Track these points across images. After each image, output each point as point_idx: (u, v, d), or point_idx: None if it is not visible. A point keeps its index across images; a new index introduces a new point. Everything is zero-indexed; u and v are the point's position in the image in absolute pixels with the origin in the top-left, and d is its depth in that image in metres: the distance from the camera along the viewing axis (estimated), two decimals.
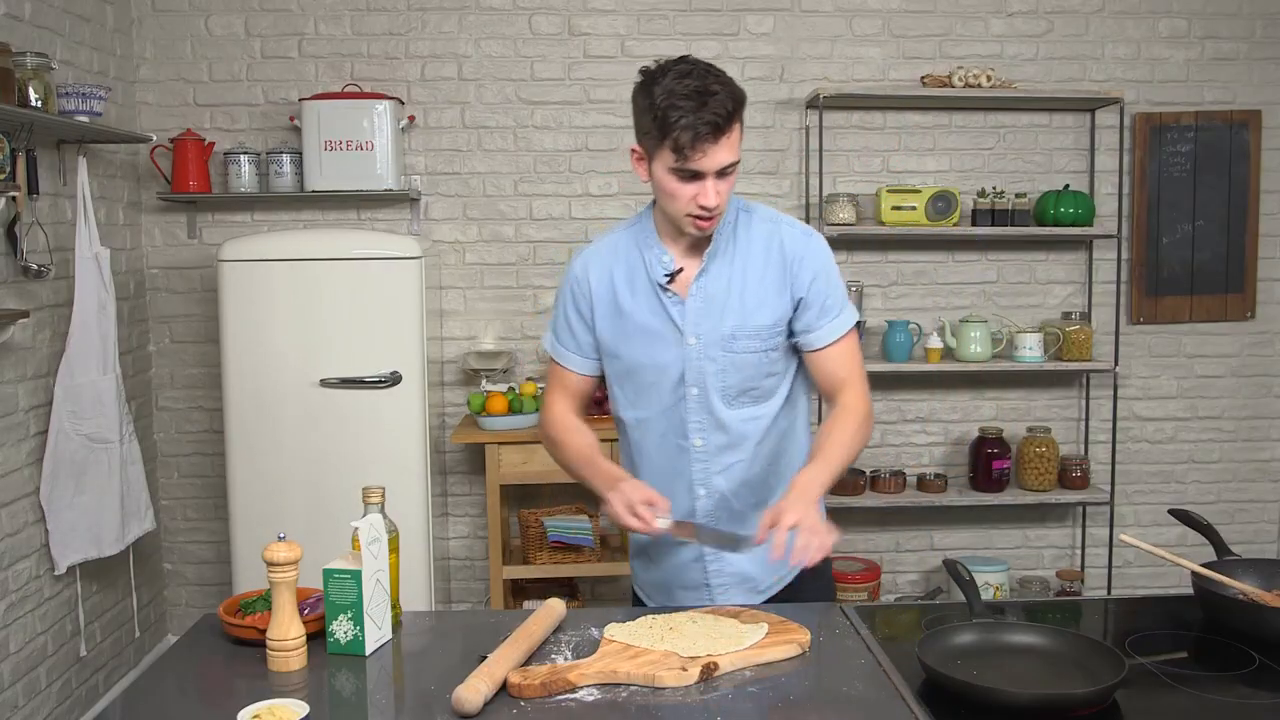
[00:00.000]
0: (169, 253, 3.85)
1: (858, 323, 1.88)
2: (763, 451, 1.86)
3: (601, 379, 1.95)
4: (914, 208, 3.74)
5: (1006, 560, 3.97)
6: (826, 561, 1.91)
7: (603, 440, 1.95)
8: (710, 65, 1.69)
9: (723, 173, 1.70)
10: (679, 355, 1.81)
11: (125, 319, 3.60)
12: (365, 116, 3.59)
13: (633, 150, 1.78)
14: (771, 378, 1.84)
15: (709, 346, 1.80)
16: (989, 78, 3.72)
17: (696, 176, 1.68)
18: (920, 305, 3.98)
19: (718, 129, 1.64)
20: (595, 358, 1.91)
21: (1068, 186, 3.88)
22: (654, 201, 1.85)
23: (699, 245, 1.81)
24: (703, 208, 1.70)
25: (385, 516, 1.61)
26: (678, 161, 1.67)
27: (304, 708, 1.32)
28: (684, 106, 1.63)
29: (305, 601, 1.63)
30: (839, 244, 3.88)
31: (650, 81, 1.69)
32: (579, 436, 1.90)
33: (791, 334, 1.83)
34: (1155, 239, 3.97)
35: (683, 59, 1.70)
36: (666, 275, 1.81)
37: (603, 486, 1.79)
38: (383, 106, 3.61)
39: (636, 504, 1.69)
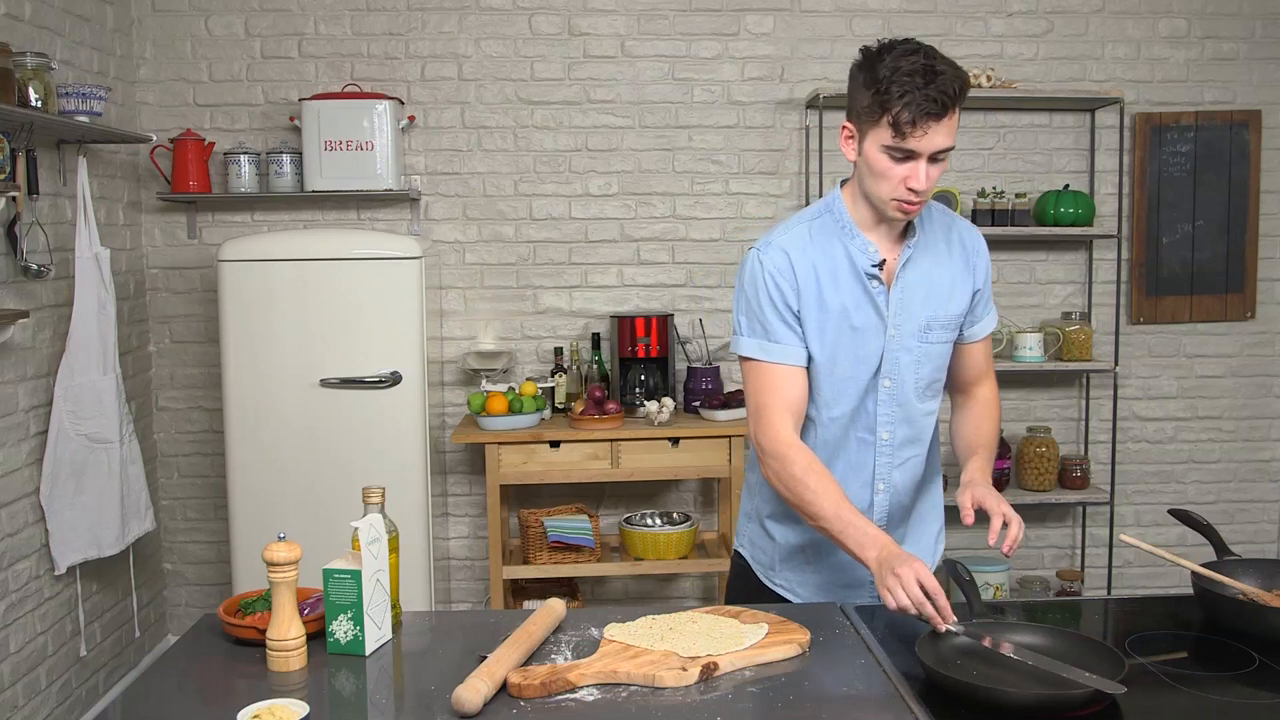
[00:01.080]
0: (169, 253, 3.85)
1: None
2: (931, 445, 1.95)
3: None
4: None
5: (1006, 560, 3.97)
6: None
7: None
8: (934, 48, 1.66)
9: (935, 157, 1.67)
10: (879, 347, 1.79)
11: (125, 319, 3.60)
12: (365, 116, 3.59)
13: (843, 127, 1.75)
14: (944, 370, 1.89)
15: (906, 337, 1.80)
16: (989, 78, 3.72)
17: (910, 157, 1.65)
18: None
19: (942, 108, 1.61)
20: (807, 347, 1.80)
21: (1068, 186, 3.88)
22: (838, 193, 1.83)
23: (894, 235, 1.79)
24: (911, 190, 1.67)
25: (385, 516, 1.61)
26: (895, 139, 1.63)
27: (304, 708, 1.32)
28: (908, 83, 1.60)
29: (305, 601, 1.63)
30: None
31: (874, 58, 1.66)
32: (827, 480, 1.72)
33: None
34: (1155, 239, 3.97)
35: (907, 40, 1.67)
36: (874, 265, 1.78)
37: (857, 548, 1.66)
38: (383, 106, 3.61)
39: (922, 600, 1.56)
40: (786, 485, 1.75)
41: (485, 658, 1.44)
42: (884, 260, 1.78)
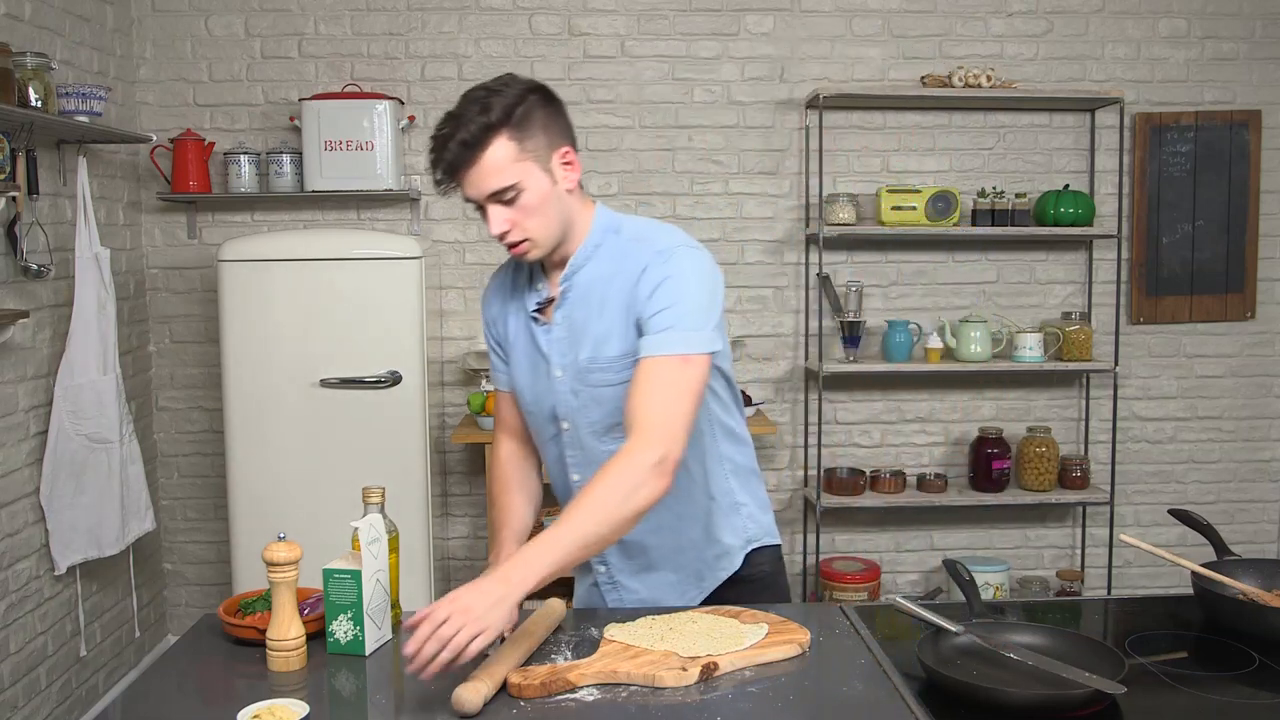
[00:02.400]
0: (169, 253, 3.85)
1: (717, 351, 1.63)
2: None
3: None
4: (914, 208, 3.74)
5: (1006, 560, 3.97)
6: (779, 572, 1.88)
7: None
8: (477, 90, 1.61)
9: (506, 199, 1.60)
10: (548, 386, 1.73)
11: (125, 319, 3.60)
12: (365, 116, 3.59)
13: None
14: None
15: (572, 379, 1.70)
16: (989, 78, 3.72)
17: (481, 207, 1.63)
18: (920, 305, 3.99)
19: (453, 169, 1.60)
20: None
21: (1068, 186, 3.88)
22: None
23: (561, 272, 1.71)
24: (494, 235, 1.63)
25: (385, 516, 1.61)
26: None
27: (304, 708, 1.32)
28: (430, 152, 1.62)
29: (305, 601, 1.63)
30: (839, 244, 3.89)
31: None
32: (501, 509, 1.83)
33: None
34: (1155, 239, 3.97)
35: (469, 90, 1.62)
36: (537, 304, 1.74)
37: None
38: (383, 106, 3.61)
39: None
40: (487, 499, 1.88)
41: (488, 654, 1.44)
42: (551, 299, 1.73)
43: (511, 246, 1.65)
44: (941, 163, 3.96)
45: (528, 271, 1.77)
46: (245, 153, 3.68)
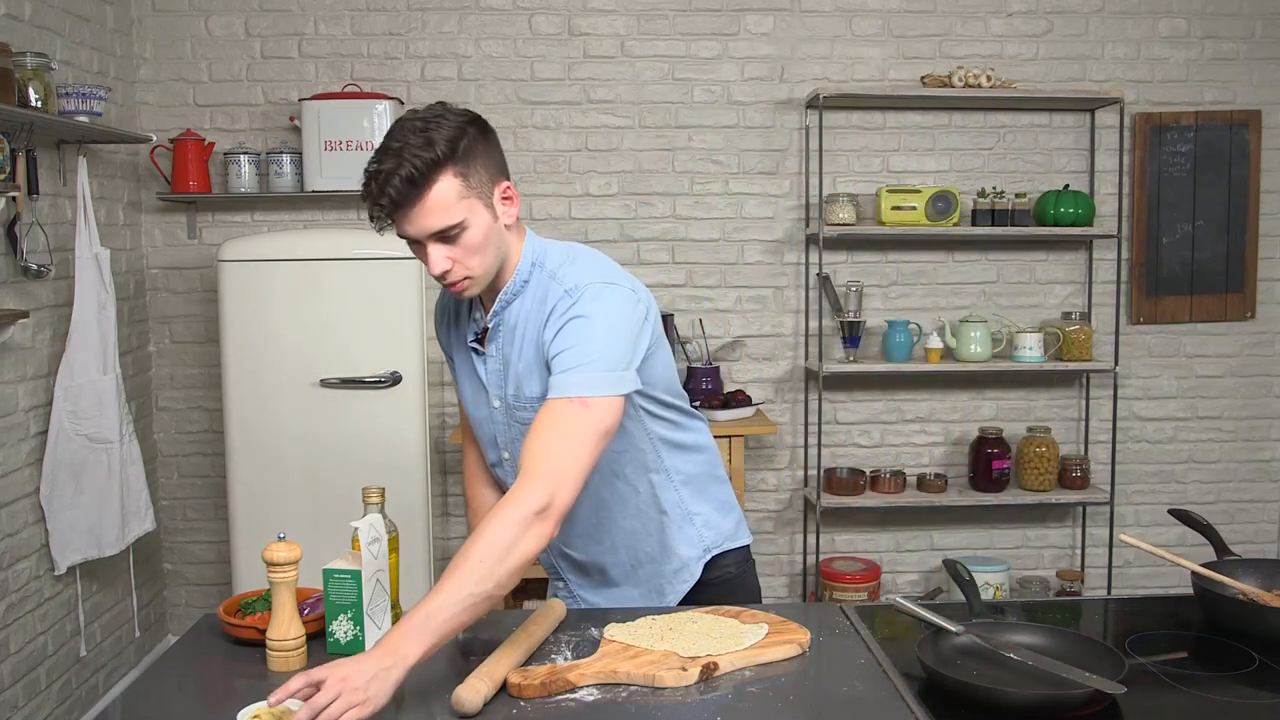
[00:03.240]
0: (169, 253, 3.85)
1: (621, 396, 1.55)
2: (585, 504, 1.71)
3: None
4: (914, 208, 3.74)
5: (1006, 560, 3.97)
6: (747, 573, 1.86)
7: None
8: (416, 119, 1.52)
9: (445, 236, 1.53)
10: (487, 415, 1.75)
11: (125, 319, 3.60)
12: (365, 116, 3.59)
13: None
14: None
15: (504, 412, 1.72)
16: (989, 78, 3.72)
17: (418, 243, 1.55)
18: (920, 305, 3.99)
19: (396, 205, 1.50)
20: None
21: (1068, 186, 3.88)
22: None
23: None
24: (433, 274, 1.57)
25: (385, 516, 1.61)
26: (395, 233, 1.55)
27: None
28: (367, 187, 1.51)
29: (305, 601, 1.63)
30: (839, 244, 3.89)
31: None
32: (480, 505, 1.89)
33: None
34: (1155, 239, 3.97)
35: (401, 120, 1.54)
36: (475, 334, 1.72)
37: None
38: (383, 106, 3.61)
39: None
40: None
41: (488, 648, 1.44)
42: (486, 329, 1.71)
43: (451, 285, 1.60)
44: (941, 163, 3.96)
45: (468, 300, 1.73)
46: (245, 153, 3.68)
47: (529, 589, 3.79)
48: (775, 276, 3.97)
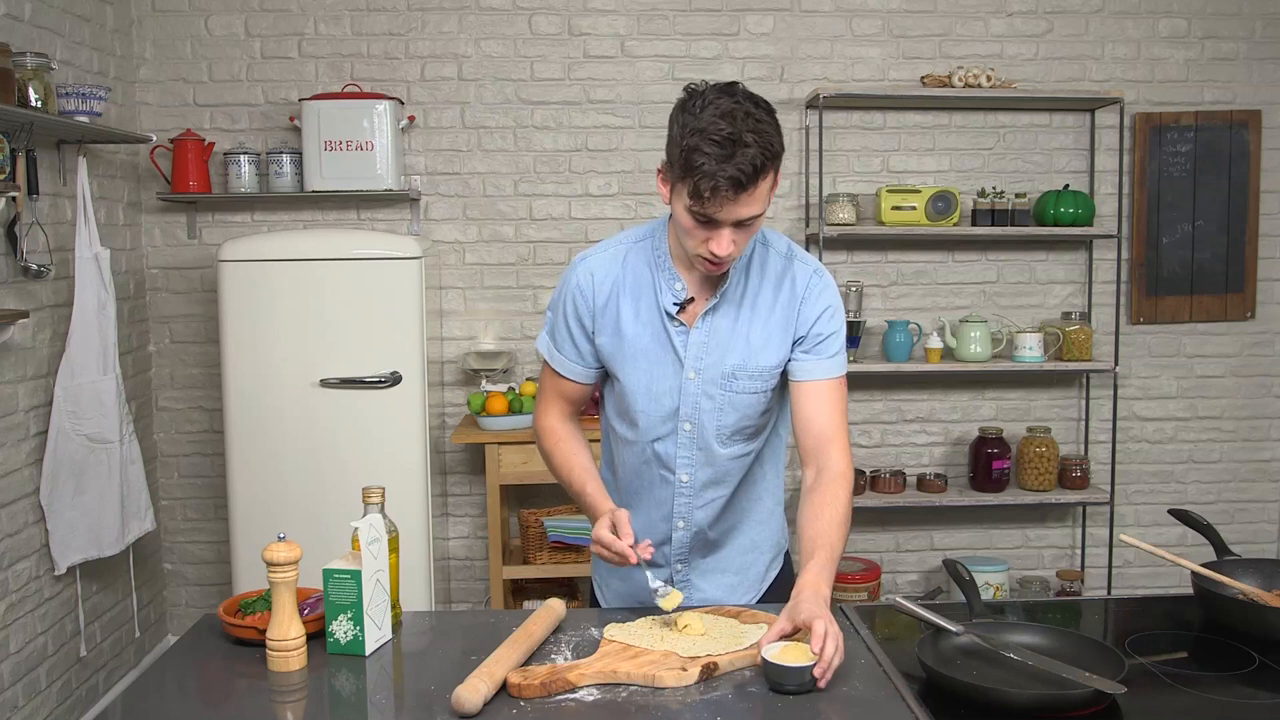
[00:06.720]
0: (169, 253, 3.85)
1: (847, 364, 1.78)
2: (743, 483, 1.81)
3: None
4: (914, 208, 3.74)
5: (1006, 560, 3.97)
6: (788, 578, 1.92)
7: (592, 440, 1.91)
8: (755, 105, 1.55)
9: (742, 224, 1.57)
10: (675, 387, 1.72)
11: (125, 319, 3.60)
12: (365, 116, 3.59)
13: (659, 170, 1.65)
14: (765, 414, 1.77)
15: (708, 383, 1.71)
16: (989, 78, 3.72)
17: (713, 223, 1.56)
18: (920, 305, 3.99)
19: (739, 185, 1.51)
20: (596, 366, 1.80)
21: (1068, 186, 3.88)
22: (665, 220, 1.75)
23: (714, 277, 1.71)
24: (714, 254, 1.59)
25: (385, 516, 1.61)
26: (694, 204, 1.54)
27: None
28: (710, 153, 1.49)
29: (305, 601, 1.63)
30: (839, 244, 3.89)
31: (687, 108, 1.55)
32: (574, 457, 1.82)
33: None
34: (1155, 239, 3.97)
35: (730, 89, 1.56)
36: (676, 304, 1.70)
37: (590, 515, 1.75)
38: (383, 106, 3.61)
39: (609, 540, 1.61)
40: (544, 456, 1.88)
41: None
42: (690, 300, 1.71)
43: (715, 266, 1.63)
44: (941, 163, 3.96)
45: (651, 266, 1.74)
46: (245, 153, 3.68)
47: (529, 589, 3.79)
48: None
